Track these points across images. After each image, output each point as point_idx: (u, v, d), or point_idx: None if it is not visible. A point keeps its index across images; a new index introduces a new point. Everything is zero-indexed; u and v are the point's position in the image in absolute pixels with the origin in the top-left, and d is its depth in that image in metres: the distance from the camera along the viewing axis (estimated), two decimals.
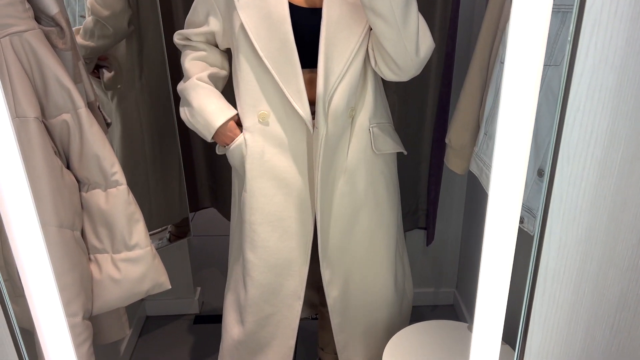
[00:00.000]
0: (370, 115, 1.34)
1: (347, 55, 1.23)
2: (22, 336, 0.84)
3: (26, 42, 1.04)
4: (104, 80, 1.61)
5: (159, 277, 1.26)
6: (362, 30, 1.22)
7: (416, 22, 1.15)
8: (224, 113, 1.32)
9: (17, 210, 0.70)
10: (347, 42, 1.22)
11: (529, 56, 0.59)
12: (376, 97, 1.34)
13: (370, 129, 1.34)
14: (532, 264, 0.73)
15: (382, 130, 1.37)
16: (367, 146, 1.35)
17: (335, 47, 1.22)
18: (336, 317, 1.49)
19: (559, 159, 0.66)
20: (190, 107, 1.34)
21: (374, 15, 1.12)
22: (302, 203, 1.35)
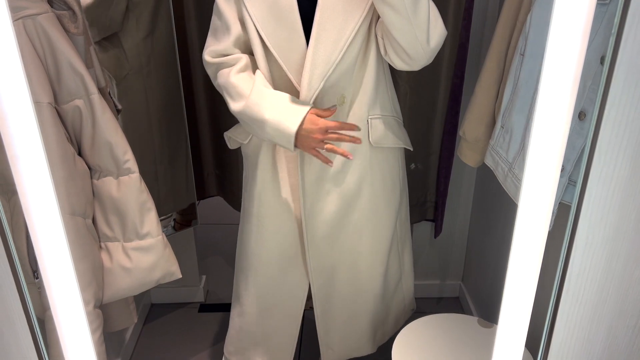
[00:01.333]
0: (369, 106, 1.29)
1: (342, 43, 1.19)
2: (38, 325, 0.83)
3: (39, 26, 1.02)
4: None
5: (169, 266, 1.25)
6: (359, 17, 1.18)
7: (427, 10, 1.12)
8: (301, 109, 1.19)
9: (37, 198, 0.69)
10: (343, 28, 1.18)
11: (570, 52, 0.57)
12: (377, 88, 1.30)
13: (369, 120, 1.30)
14: (561, 264, 0.72)
15: (383, 123, 1.33)
16: (364, 138, 1.31)
17: (329, 32, 1.18)
18: (319, 306, 1.48)
19: (594, 156, 0.65)
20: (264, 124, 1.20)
21: (383, 4, 1.09)
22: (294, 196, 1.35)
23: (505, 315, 0.71)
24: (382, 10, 1.10)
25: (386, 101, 1.34)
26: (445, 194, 1.89)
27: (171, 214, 1.95)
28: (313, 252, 1.40)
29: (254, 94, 1.21)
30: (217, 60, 1.26)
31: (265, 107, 1.19)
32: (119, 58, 1.59)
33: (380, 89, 1.32)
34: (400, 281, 1.59)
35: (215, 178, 2.07)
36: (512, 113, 1.22)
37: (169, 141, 1.76)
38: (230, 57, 1.25)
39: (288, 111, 1.19)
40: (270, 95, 1.21)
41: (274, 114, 1.19)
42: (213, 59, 1.26)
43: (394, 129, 1.37)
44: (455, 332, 1.44)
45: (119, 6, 1.50)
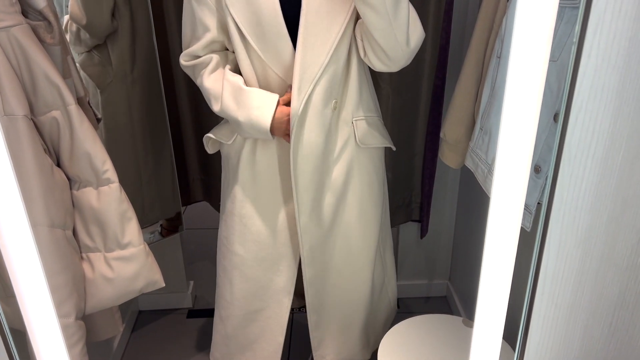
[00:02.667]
0: (354, 109, 1.31)
1: (328, 45, 1.20)
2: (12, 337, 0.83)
3: (13, 38, 1.01)
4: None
5: (152, 275, 1.25)
6: (344, 19, 1.19)
7: (407, 12, 1.13)
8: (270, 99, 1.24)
9: (6, 210, 0.68)
10: (328, 31, 1.19)
11: (534, 53, 0.58)
12: (361, 90, 1.31)
13: (353, 122, 1.32)
14: (534, 265, 0.73)
15: (368, 123, 1.35)
16: (350, 139, 1.32)
17: (316, 36, 1.19)
18: (313, 315, 1.48)
19: (562, 159, 0.66)
20: (239, 125, 1.27)
21: (364, 5, 1.10)
22: (288, 197, 1.34)
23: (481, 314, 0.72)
24: (363, 11, 1.11)
25: (370, 102, 1.36)
26: (430, 195, 1.90)
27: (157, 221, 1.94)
28: (308, 260, 1.40)
29: (225, 97, 1.26)
30: (190, 63, 1.30)
31: (237, 108, 1.25)
32: (104, 66, 1.59)
33: (364, 90, 1.33)
34: (384, 283, 1.59)
35: (200, 183, 2.07)
36: (491, 115, 1.23)
37: (152, 148, 1.75)
38: (202, 58, 1.29)
39: (258, 108, 1.23)
40: (239, 94, 1.25)
41: (246, 114, 1.23)
42: (186, 62, 1.31)
43: (379, 129, 1.39)
44: (441, 333, 1.44)
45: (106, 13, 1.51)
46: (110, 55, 1.58)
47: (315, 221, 1.36)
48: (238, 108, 1.24)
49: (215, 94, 1.27)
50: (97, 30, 1.51)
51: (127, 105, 1.64)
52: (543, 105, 0.92)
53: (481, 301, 0.71)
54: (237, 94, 1.25)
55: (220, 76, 1.28)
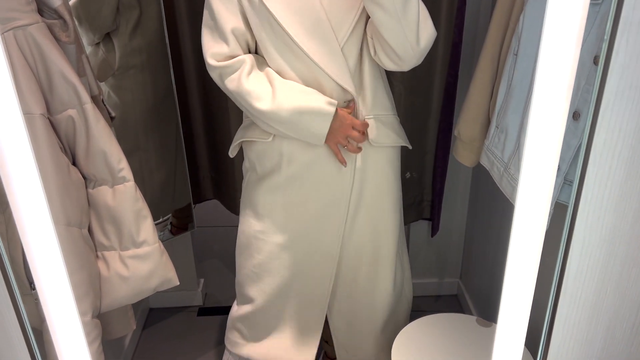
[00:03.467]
0: (368, 108, 1.29)
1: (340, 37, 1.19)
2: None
3: (30, 37, 1.01)
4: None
5: (167, 273, 1.25)
6: (354, 15, 1.18)
7: (416, 10, 1.11)
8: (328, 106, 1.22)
9: (30, 210, 0.68)
10: (339, 26, 1.19)
11: (563, 53, 0.57)
12: (376, 89, 1.29)
13: (366, 120, 1.30)
14: (559, 265, 0.72)
15: (382, 122, 1.32)
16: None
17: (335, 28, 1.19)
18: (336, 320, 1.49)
19: (589, 159, 0.65)
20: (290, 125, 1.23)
21: (372, 4, 1.08)
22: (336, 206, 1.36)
23: (504, 316, 0.71)
24: (372, 9, 1.10)
25: (385, 100, 1.34)
26: (441, 193, 1.89)
27: (167, 218, 1.94)
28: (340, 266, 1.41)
29: (280, 94, 1.20)
30: (221, 64, 1.22)
31: (294, 104, 1.20)
32: (111, 62, 1.58)
33: (379, 89, 1.31)
34: (403, 285, 1.58)
35: (211, 181, 2.06)
36: (507, 113, 1.22)
37: (163, 144, 1.75)
38: (234, 60, 1.21)
39: (318, 107, 1.21)
40: (295, 91, 1.22)
41: (305, 110, 1.20)
42: (218, 63, 1.22)
43: (395, 127, 1.37)
44: (455, 332, 1.44)
45: (110, 5, 1.49)
46: (117, 51, 1.58)
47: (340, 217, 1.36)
48: (294, 108, 1.20)
49: (260, 95, 1.21)
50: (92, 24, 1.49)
51: (137, 101, 1.63)
52: None
53: (505, 301, 0.71)
54: (291, 92, 1.21)
55: (264, 76, 1.23)
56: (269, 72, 1.24)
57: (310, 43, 1.18)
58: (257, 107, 1.21)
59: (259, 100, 1.21)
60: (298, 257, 1.40)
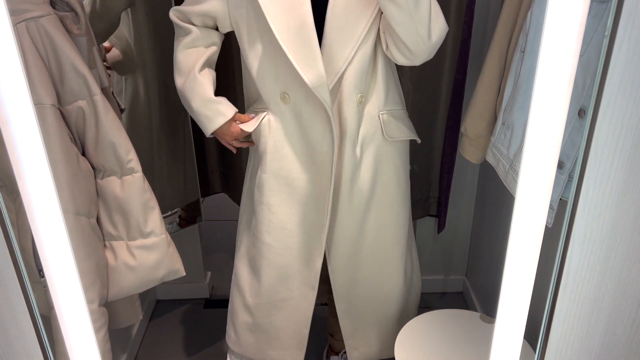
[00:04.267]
0: (381, 103, 1.31)
1: (355, 39, 1.20)
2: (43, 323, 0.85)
3: (42, 28, 1.03)
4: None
5: (173, 264, 1.27)
6: (371, 12, 1.19)
7: (428, 5, 1.12)
8: (219, 118, 1.33)
9: (40, 199, 0.70)
10: (355, 25, 1.19)
11: (564, 49, 0.58)
12: (388, 84, 1.31)
13: (380, 115, 1.32)
14: (558, 261, 0.73)
15: (394, 116, 1.35)
16: (377, 133, 1.33)
17: (341, 30, 1.19)
18: (341, 303, 1.49)
19: (590, 154, 0.65)
20: (190, 108, 1.35)
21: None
22: (319, 190, 1.34)
23: (503, 311, 0.72)
24: (384, 4, 1.10)
25: (396, 96, 1.36)
26: (448, 190, 1.90)
27: (176, 211, 1.96)
28: (333, 253, 1.41)
29: (189, 82, 1.31)
30: (176, 21, 1.32)
31: (193, 97, 1.31)
32: (124, 56, 1.60)
33: (390, 84, 1.33)
34: (412, 279, 1.59)
35: (219, 175, 2.08)
36: (513, 110, 1.22)
37: (171, 137, 1.77)
38: (185, 25, 1.31)
39: (210, 113, 1.32)
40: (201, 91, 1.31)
41: (200, 110, 1.32)
42: (175, 19, 1.32)
43: (405, 122, 1.39)
44: (458, 328, 1.44)
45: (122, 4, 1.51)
46: (129, 45, 1.59)
47: (343, 213, 1.36)
48: (194, 98, 1.31)
49: (184, 70, 1.31)
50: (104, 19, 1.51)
51: (146, 93, 1.65)
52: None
53: (504, 297, 0.71)
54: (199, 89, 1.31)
55: (196, 57, 1.31)
56: (204, 53, 1.32)
57: (292, 45, 1.20)
58: (175, 79, 1.34)
59: (179, 73, 1.33)
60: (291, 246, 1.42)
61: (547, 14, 0.57)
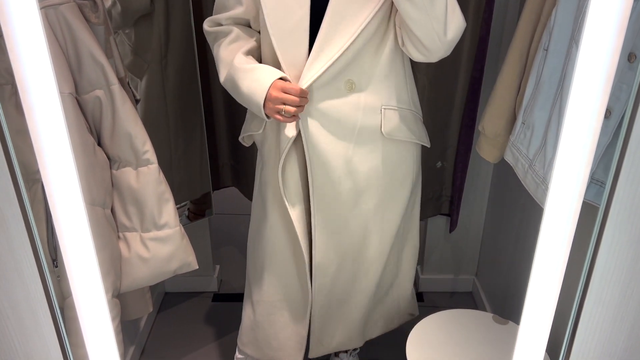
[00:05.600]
0: (383, 96, 1.27)
1: (353, 30, 1.17)
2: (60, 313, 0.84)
3: (61, 16, 1.02)
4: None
5: (186, 257, 1.26)
6: (373, 6, 1.16)
7: (444, 1, 1.10)
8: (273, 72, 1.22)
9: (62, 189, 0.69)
10: (355, 16, 1.17)
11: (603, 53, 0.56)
12: (393, 79, 1.28)
13: (382, 109, 1.28)
14: (587, 264, 0.71)
15: (399, 115, 1.31)
16: (376, 127, 1.29)
17: (342, 18, 1.17)
18: (318, 303, 1.47)
19: (625, 158, 0.64)
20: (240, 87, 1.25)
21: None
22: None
23: (527, 317, 0.71)
24: (398, 1, 1.08)
25: (403, 93, 1.32)
26: (461, 189, 1.88)
27: (185, 204, 1.96)
28: (320, 247, 1.38)
29: (235, 62, 1.25)
30: (212, 29, 1.32)
31: (240, 79, 1.23)
32: (137, 54, 1.59)
33: (397, 79, 1.29)
34: (395, 281, 1.56)
35: (230, 169, 2.07)
36: (534, 109, 1.20)
37: (184, 130, 1.76)
38: (223, 27, 1.30)
39: (257, 80, 1.21)
40: (247, 63, 1.25)
41: (247, 84, 1.22)
42: (210, 28, 1.32)
43: (409, 123, 1.34)
44: (470, 328, 1.43)
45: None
46: (143, 40, 1.58)
47: (331, 205, 1.34)
48: (240, 79, 1.24)
49: (225, 63, 1.27)
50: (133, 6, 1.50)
51: (161, 86, 1.64)
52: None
53: (529, 300, 0.70)
54: (244, 67, 1.24)
55: (238, 48, 1.28)
56: (242, 46, 1.28)
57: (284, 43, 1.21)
58: (220, 76, 1.30)
59: (223, 68, 1.28)
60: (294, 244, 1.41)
61: (588, 15, 0.55)
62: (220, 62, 1.29)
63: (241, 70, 1.24)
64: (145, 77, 1.61)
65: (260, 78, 1.21)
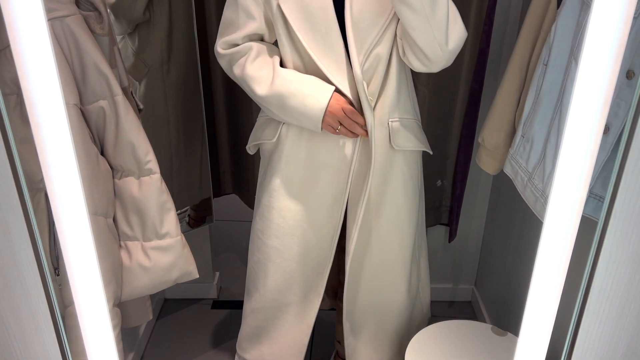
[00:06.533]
0: (391, 109, 1.29)
1: (366, 45, 1.19)
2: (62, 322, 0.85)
3: (67, 28, 1.03)
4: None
5: (187, 266, 1.27)
6: (385, 19, 1.18)
7: (445, 10, 1.10)
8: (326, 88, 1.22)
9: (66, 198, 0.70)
10: (368, 31, 1.18)
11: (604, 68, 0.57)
12: (399, 92, 1.29)
13: (389, 123, 1.30)
14: (585, 279, 0.72)
15: (404, 125, 1.32)
16: (384, 141, 1.31)
17: (356, 35, 1.19)
18: (347, 322, 1.48)
19: (624, 174, 0.65)
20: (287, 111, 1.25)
21: (400, 3, 1.07)
22: (332, 196, 1.34)
23: (526, 332, 0.71)
24: (400, 9, 1.09)
25: (408, 104, 1.34)
26: (461, 199, 1.89)
27: (186, 210, 1.96)
28: (352, 268, 1.39)
29: (278, 77, 1.23)
30: (228, 51, 1.27)
31: (290, 93, 1.21)
32: (138, 57, 1.60)
33: (403, 92, 1.31)
34: (418, 291, 1.57)
35: (230, 176, 2.08)
36: (534, 123, 1.21)
37: (185, 136, 1.77)
38: (241, 46, 1.26)
39: (313, 96, 1.21)
40: (294, 76, 1.23)
41: (301, 100, 1.21)
42: (225, 51, 1.28)
43: (415, 132, 1.36)
44: (469, 339, 1.44)
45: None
46: (146, 45, 1.59)
47: (359, 226, 1.35)
48: (291, 93, 1.22)
49: (261, 79, 1.24)
50: (125, 15, 1.51)
51: (163, 93, 1.65)
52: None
53: (528, 314, 0.71)
54: (291, 80, 1.23)
55: (267, 63, 1.26)
56: (274, 60, 1.27)
57: (317, 48, 1.21)
58: (256, 91, 1.25)
59: (259, 84, 1.24)
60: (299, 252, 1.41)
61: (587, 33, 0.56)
62: (250, 79, 1.26)
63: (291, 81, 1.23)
64: (145, 82, 1.62)
65: (316, 94, 1.21)
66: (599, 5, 0.57)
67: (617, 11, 0.57)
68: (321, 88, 1.22)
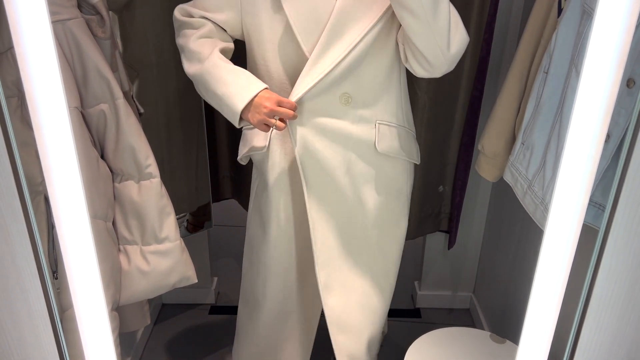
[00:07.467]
0: (378, 112, 1.27)
1: (346, 44, 1.18)
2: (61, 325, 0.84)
3: (69, 31, 1.03)
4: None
5: (186, 270, 1.26)
6: (370, 21, 1.17)
7: (447, 15, 1.09)
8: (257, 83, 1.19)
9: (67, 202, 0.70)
10: (351, 32, 1.17)
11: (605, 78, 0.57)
12: (389, 95, 1.28)
13: (377, 124, 1.28)
14: (586, 289, 0.72)
15: (391, 131, 1.30)
16: (370, 142, 1.29)
17: (339, 35, 1.18)
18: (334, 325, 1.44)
19: (625, 182, 0.65)
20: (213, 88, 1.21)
21: (401, 8, 1.07)
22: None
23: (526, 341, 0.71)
24: (401, 14, 1.08)
25: (398, 110, 1.31)
26: (460, 206, 1.89)
27: (185, 215, 1.96)
28: (322, 263, 1.36)
29: (209, 63, 1.20)
30: (183, 19, 1.26)
31: (219, 77, 1.19)
32: (138, 57, 1.60)
33: (393, 96, 1.29)
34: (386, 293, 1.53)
35: (230, 181, 2.08)
36: (534, 130, 1.21)
37: (184, 141, 1.77)
38: (195, 19, 1.25)
39: (242, 87, 1.18)
40: (225, 67, 1.21)
41: (226, 87, 1.19)
42: (181, 17, 1.26)
43: (402, 140, 1.33)
44: (467, 346, 1.43)
45: None
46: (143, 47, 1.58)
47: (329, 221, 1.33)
48: (219, 80, 1.19)
49: (199, 57, 1.21)
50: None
51: (162, 97, 1.64)
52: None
53: (528, 323, 0.71)
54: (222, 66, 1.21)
55: (211, 46, 1.23)
56: (221, 44, 1.24)
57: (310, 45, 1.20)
58: (186, 67, 1.24)
59: (191, 61, 1.23)
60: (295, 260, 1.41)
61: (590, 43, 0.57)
62: (188, 52, 1.24)
63: (222, 68, 1.20)
64: (146, 86, 1.61)
65: (247, 84, 1.19)
66: (601, 15, 0.57)
67: (619, 21, 0.57)
68: (255, 81, 1.20)
